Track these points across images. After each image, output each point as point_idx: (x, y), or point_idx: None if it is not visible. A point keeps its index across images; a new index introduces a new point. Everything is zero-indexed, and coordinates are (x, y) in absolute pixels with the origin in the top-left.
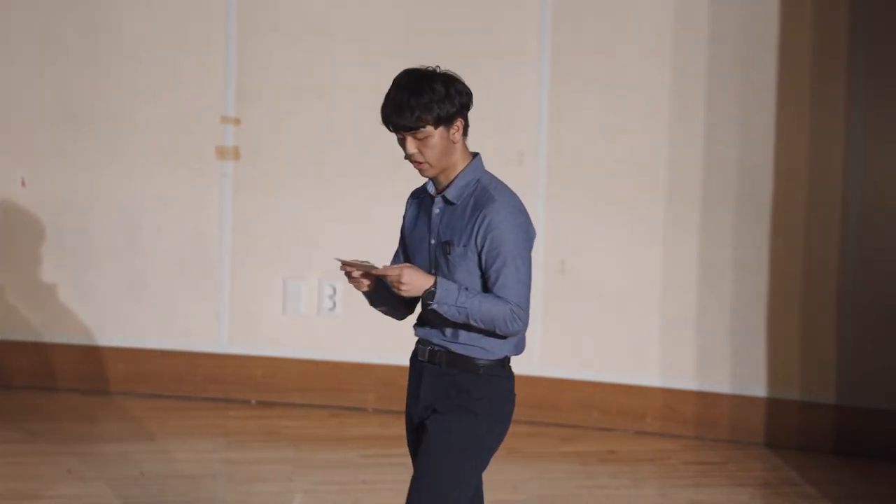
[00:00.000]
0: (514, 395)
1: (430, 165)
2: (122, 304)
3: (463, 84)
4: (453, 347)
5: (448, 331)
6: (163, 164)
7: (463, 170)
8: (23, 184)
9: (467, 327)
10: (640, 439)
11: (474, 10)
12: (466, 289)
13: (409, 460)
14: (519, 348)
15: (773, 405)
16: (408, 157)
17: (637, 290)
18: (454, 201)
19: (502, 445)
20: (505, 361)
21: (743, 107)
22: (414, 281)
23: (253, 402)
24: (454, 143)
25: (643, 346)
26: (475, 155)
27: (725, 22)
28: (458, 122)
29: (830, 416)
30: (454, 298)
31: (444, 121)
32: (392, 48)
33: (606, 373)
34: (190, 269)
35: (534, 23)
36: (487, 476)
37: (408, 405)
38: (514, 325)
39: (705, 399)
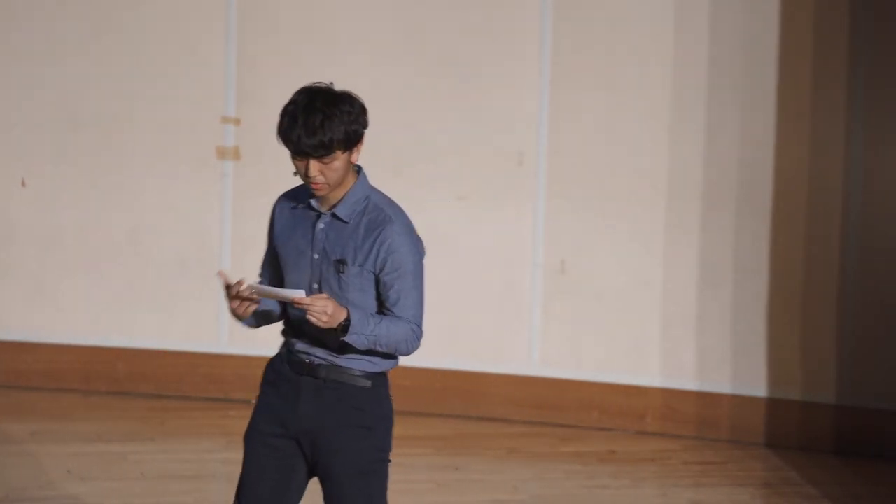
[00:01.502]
0: (390, 396)
1: (329, 186)
2: (121, 303)
3: (362, 102)
4: (341, 362)
5: (332, 344)
6: (163, 164)
7: (353, 187)
8: (23, 184)
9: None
10: (641, 439)
11: (475, 10)
12: (372, 314)
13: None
14: (398, 360)
15: (773, 405)
16: (306, 178)
17: (637, 290)
18: (346, 220)
19: (502, 445)
20: (386, 372)
21: (743, 107)
22: (336, 314)
23: (253, 402)
24: (353, 162)
25: (643, 346)
26: (359, 168)
27: (725, 22)
28: (360, 143)
29: (831, 416)
30: (365, 327)
31: (353, 144)
32: (393, 49)
33: (607, 373)
34: (190, 269)
35: (534, 23)
36: (487, 476)
37: (271, 413)
38: (414, 344)
39: (706, 399)
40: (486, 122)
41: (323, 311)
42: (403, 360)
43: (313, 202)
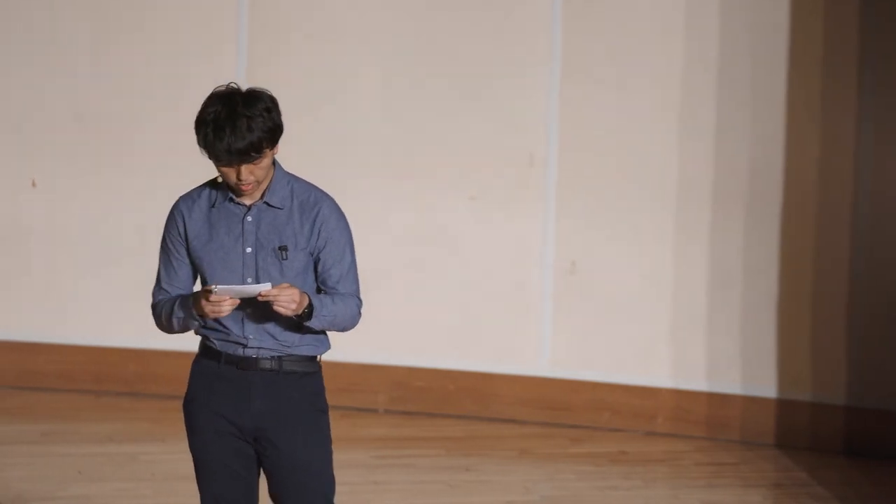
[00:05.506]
0: None
1: (258, 184)
2: (132, 304)
3: (270, 93)
4: (295, 350)
5: (282, 336)
6: (174, 165)
7: (275, 174)
8: (34, 184)
9: (300, 327)
10: (652, 440)
11: (485, 10)
12: (324, 295)
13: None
14: (330, 342)
15: (783, 406)
16: (237, 183)
17: (648, 291)
18: (280, 206)
19: (513, 446)
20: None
21: (753, 108)
22: (301, 300)
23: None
24: (275, 154)
25: (654, 347)
26: None
27: (735, 23)
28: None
29: (841, 418)
30: (324, 309)
31: (278, 138)
32: (403, 50)
33: (617, 374)
34: None
35: (544, 24)
36: (498, 476)
37: (219, 416)
38: (358, 318)
39: (716, 400)
40: (497, 122)
41: (291, 299)
42: (414, 362)
43: (234, 198)
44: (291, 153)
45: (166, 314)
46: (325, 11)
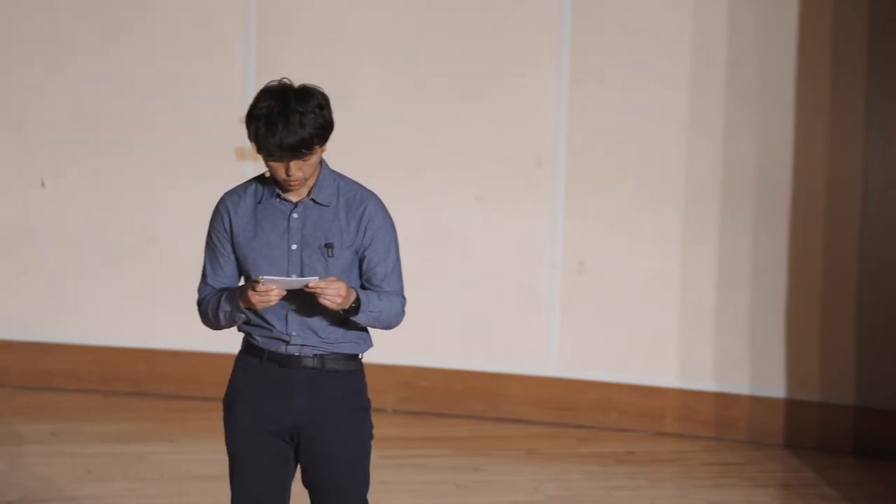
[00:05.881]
0: None
1: (305, 180)
2: (141, 304)
3: (322, 90)
4: (337, 348)
5: (325, 333)
6: (181, 165)
7: (322, 171)
8: (42, 184)
9: (343, 324)
10: (659, 440)
11: (492, 11)
12: (370, 291)
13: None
14: (372, 340)
15: (792, 406)
16: (285, 178)
17: (655, 290)
18: (327, 203)
19: (520, 446)
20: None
21: (761, 107)
22: (348, 294)
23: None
24: (324, 150)
25: (662, 347)
26: None
27: (744, 22)
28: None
29: (850, 418)
30: (370, 304)
31: (328, 135)
32: (410, 51)
33: (625, 374)
34: None
35: (552, 24)
36: (506, 476)
37: (259, 414)
38: (402, 316)
39: (724, 400)
40: (504, 122)
41: (337, 293)
42: (422, 362)
43: (281, 194)
44: None
45: (212, 309)
46: (332, 13)
